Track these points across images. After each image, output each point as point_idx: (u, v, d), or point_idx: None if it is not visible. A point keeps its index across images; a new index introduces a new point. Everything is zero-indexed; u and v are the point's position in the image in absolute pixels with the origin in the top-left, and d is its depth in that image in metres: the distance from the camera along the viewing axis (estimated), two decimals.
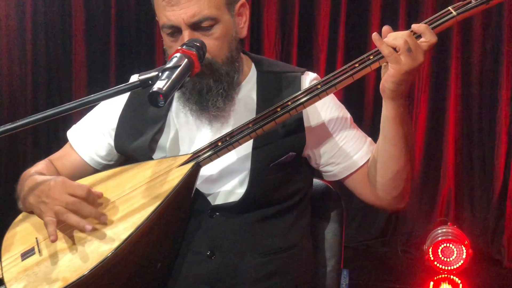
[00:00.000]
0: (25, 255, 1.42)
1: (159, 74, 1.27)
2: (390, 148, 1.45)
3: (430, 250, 3.52)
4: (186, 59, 1.31)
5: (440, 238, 3.52)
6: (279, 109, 1.41)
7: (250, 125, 1.42)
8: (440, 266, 3.51)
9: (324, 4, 3.91)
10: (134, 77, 1.38)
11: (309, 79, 1.57)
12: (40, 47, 4.05)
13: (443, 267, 3.51)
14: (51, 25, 4.05)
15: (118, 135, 1.60)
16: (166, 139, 1.55)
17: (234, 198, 1.50)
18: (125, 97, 1.61)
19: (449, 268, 3.50)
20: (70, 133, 1.67)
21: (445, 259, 3.50)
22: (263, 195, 1.50)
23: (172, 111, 1.58)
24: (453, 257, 3.50)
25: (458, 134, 3.85)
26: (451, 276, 3.50)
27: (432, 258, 3.52)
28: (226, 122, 1.53)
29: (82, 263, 1.34)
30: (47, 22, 4.04)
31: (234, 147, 1.43)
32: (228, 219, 1.49)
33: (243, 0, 1.51)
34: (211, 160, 1.44)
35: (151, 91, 1.23)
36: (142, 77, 1.29)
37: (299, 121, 1.50)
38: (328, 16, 3.93)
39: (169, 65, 1.29)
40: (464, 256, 3.47)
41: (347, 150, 1.55)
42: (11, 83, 4.01)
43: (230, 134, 1.43)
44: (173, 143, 1.55)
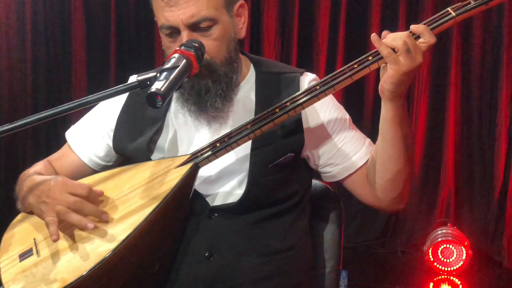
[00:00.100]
0: (23, 256, 1.42)
1: (157, 75, 1.27)
2: (389, 149, 1.45)
3: (430, 251, 3.51)
4: (185, 60, 1.30)
5: (440, 239, 3.52)
6: (278, 110, 1.41)
7: (249, 126, 1.41)
8: (440, 267, 3.51)
9: (324, 5, 3.91)
10: (133, 78, 1.38)
11: (308, 80, 1.57)
12: (40, 48, 4.05)
13: (443, 268, 3.50)
14: (51, 26, 4.05)
15: (117, 136, 1.59)
16: (165, 140, 1.55)
17: (233, 199, 1.49)
18: (124, 98, 1.60)
19: (449, 269, 3.49)
20: (69, 134, 1.67)
21: (445, 260, 3.50)
22: (262, 196, 1.49)
23: (171, 112, 1.57)
24: (453, 258, 3.49)
25: (458, 135, 3.85)
26: (451, 277, 3.50)
27: (432, 259, 3.51)
28: (225, 123, 1.53)
29: (80, 264, 1.34)
30: (47, 23, 4.04)
31: (233, 148, 1.43)
32: (227, 220, 1.49)
33: (242, 1, 1.51)
34: (210, 161, 1.44)
35: (149, 92, 1.23)
36: (140, 78, 1.29)
37: (298, 122, 1.50)
38: (328, 17, 3.92)
39: (167, 66, 1.29)
40: (464, 257, 3.47)
41: (346, 151, 1.54)
42: (11, 84, 4.01)
43: (229, 135, 1.42)
44: (172, 144, 1.54)
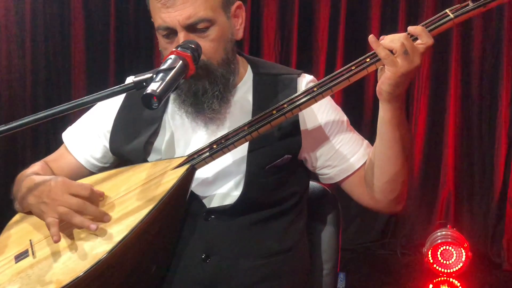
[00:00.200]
0: (19, 257, 1.41)
1: (153, 76, 1.27)
2: (387, 151, 1.45)
3: (430, 253, 3.51)
4: (181, 61, 1.30)
5: (440, 241, 3.51)
6: (275, 112, 1.40)
7: (246, 128, 1.41)
8: (440, 269, 3.50)
9: (324, 6, 3.90)
10: (130, 79, 1.38)
11: (306, 81, 1.56)
12: (40, 48, 4.04)
13: (443, 270, 3.49)
14: (51, 26, 4.04)
15: (113, 137, 1.58)
16: (162, 141, 1.54)
17: (230, 201, 1.49)
18: (121, 99, 1.60)
19: (449, 271, 3.48)
20: (65, 135, 1.66)
21: (445, 262, 3.49)
22: (259, 198, 1.49)
23: (168, 113, 1.57)
24: (453, 260, 3.48)
25: (458, 136, 3.84)
26: (451, 279, 3.49)
27: (432, 261, 3.51)
28: (222, 125, 1.52)
29: (76, 266, 1.34)
30: (47, 23, 4.03)
31: (230, 150, 1.42)
32: (224, 222, 1.48)
33: (239, 2, 1.50)
34: (207, 163, 1.43)
35: (145, 93, 1.22)
36: (137, 79, 1.29)
37: (295, 124, 1.49)
38: (328, 18, 3.91)
39: (164, 67, 1.28)
40: (464, 259, 3.46)
41: (344, 153, 1.53)
42: (11, 85, 4.01)
43: (226, 137, 1.42)
44: (169, 145, 1.54)
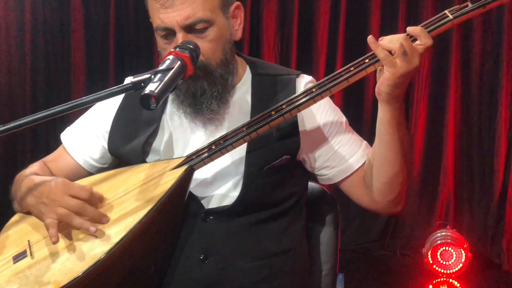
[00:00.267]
0: (17, 258, 1.41)
1: (152, 77, 1.26)
2: (386, 152, 1.44)
3: (429, 254, 3.51)
4: (179, 62, 1.29)
5: (439, 242, 3.51)
6: (274, 113, 1.40)
7: (244, 129, 1.40)
8: (439, 270, 3.50)
9: (324, 6, 3.90)
10: (129, 79, 1.37)
11: (304, 82, 1.56)
12: (39, 49, 4.04)
13: (442, 271, 3.49)
14: (50, 27, 4.04)
15: (112, 138, 1.58)
16: (160, 142, 1.54)
17: (228, 202, 1.48)
18: (119, 100, 1.59)
19: (448, 272, 3.49)
20: (64, 136, 1.66)
21: (444, 263, 3.49)
22: (257, 199, 1.49)
23: (166, 114, 1.57)
24: (452, 261, 3.48)
25: (458, 137, 3.84)
26: (450, 280, 3.49)
27: (431, 262, 3.51)
28: (221, 125, 1.52)
29: (74, 266, 1.34)
30: (46, 24, 4.03)
31: (228, 151, 1.42)
32: (222, 223, 1.48)
33: (238, 3, 1.50)
34: (205, 164, 1.43)
35: (143, 94, 1.22)
36: (135, 80, 1.29)
37: (294, 125, 1.49)
38: (328, 18, 3.92)
39: (162, 68, 1.28)
40: (463, 260, 3.46)
41: (342, 154, 1.53)
42: (10, 85, 4.01)
43: (224, 138, 1.41)
44: (167, 146, 1.54)
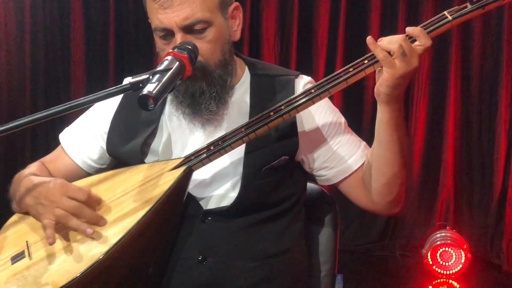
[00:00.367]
0: (15, 259, 1.41)
1: (150, 77, 1.26)
2: (385, 153, 1.44)
3: (429, 254, 3.51)
4: (177, 62, 1.29)
5: (439, 242, 3.51)
6: (272, 114, 1.39)
7: (243, 130, 1.40)
8: (439, 271, 3.50)
9: (324, 7, 3.90)
10: (127, 80, 1.37)
11: (303, 83, 1.56)
12: (39, 50, 4.04)
13: (442, 272, 3.49)
14: (50, 27, 4.05)
15: (110, 138, 1.58)
16: (159, 143, 1.54)
17: (227, 203, 1.48)
18: (118, 100, 1.59)
19: (448, 273, 3.49)
20: (62, 136, 1.65)
21: (444, 263, 3.49)
22: (256, 199, 1.48)
23: (165, 114, 1.56)
24: (452, 261, 3.48)
25: (458, 138, 3.84)
26: (450, 281, 3.49)
27: (431, 262, 3.51)
28: (219, 126, 1.52)
29: (72, 267, 1.33)
30: (46, 24, 4.04)
31: (227, 151, 1.42)
32: (221, 224, 1.48)
33: (237, 3, 1.50)
34: (204, 164, 1.43)
35: (141, 94, 1.22)
36: (133, 80, 1.28)
37: (292, 125, 1.49)
38: (328, 19, 3.92)
39: (160, 68, 1.28)
40: (463, 261, 3.46)
41: (341, 154, 1.53)
42: (10, 86, 4.01)
43: (223, 138, 1.41)
44: (166, 147, 1.53)
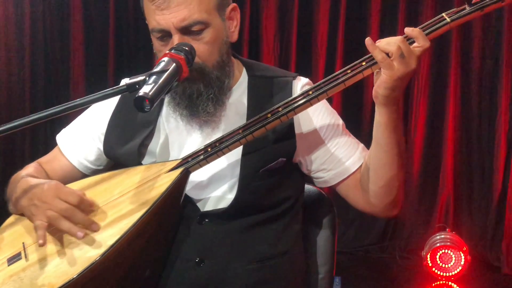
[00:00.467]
0: (12, 260, 1.40)
1: (146, 79, 1.26)
2: (383, 155, 1.44)
3: (429, 256, 3.50)
4: (174, 64, 1.29)
5: (439, 244, 3.50)
6: (270, 115, 1.39)
7: (240, 131, 1.40)
8: (438, 273, 3.49)
9: (323, 9, 3.90)
10: (125, 81, 1.37)
11: (301, 84, 1.55)
12: (39, 51, 4.04)
13: (442, 274, 3.49)
14: (50, 28, 4.04)
15: (107, 140, 1.58)
16: (156, 144, 1.54)
17: (224, 204, 1.48)
18: (115, 101, 1.59)
19: (448, 275, 3.48)
20: (59, 137, 1.65)
21: (444, 265, 3.48)
22: (253, 201, 1.48)
23: (162, 116, 1.56)
24: (452, 264, 3.47)
25: (457, 140, 3.83)
26: (450, 283, 3.48)
27: (430, 264, 3.50)
28: (217, 127, 1.51)
29: (69, 269, 1.33)
30: (46, 25, 4.03)
31: (224, 153, 1.41)
32: (218, 226, 1.48)
33: (234, 4, 1.50)
34: (201, 166, 1.42)
35: (137, 96, 1.22)
36: (130, 81, 1.28)
37: (290, 127, 1.48)
38: (327, 21, 3.91)
39: (157, 70, 1.28)
40: (463, 263, 3.45)
41: (339, 156, 1.53)
42: (10, 87, 4.00)
43: (220, 140, 1.41)
44: (163, 148, 1.53)
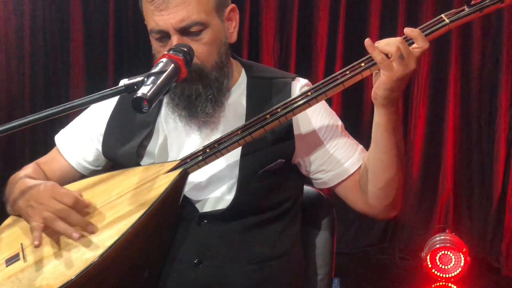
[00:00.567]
0: (10, 261, 1.40)
1: (145, 79, 1.26)
2: (382, 156, 1.43)
3: (428, 258, 3.49)
4: (172, 64, 1.29)
5: (438, 245, 3.50)
6: (268, 116, 1.39)
7: (239, 132, 1.40)
8: (438, 274, 3.48)
9: (323, 10, 3.90)
10: (123, 82, 1.37)
11: (300, 85, 1.55)
12: (39, 51, 4.04)
13: (441, 275, 3.48)
14: (50, 28, 4.04)
15: (106, 141, 1.58)
16: (155, 145, 1.54)
17: (223, 206, 1.48)
18: (114, 102, 1.59)
19: (447, 276, 3.47)
20: (58, 138, 1.65)
21: (443, 267, 3.48)
22: (252, 202, 1.48)
23: (161, 117, 1.56)
24: (451, 265, 3.47)
25: (457, 140, 3.83)
26: (449, 284, 3.48)
27: (430, 266, 3.49)
28: (216, 128, 1.51)
29: (67, 270, 1.33)
30: (45, 26, 4.03)
31: (223, 154, 1.41)
32: (216, 227, 1.47)
33: (233, 5, 1.50)
34: (199, 167, 1.42)
35: (135, 97, 1.21)
36: (128, 82, 1.28)
37: (289, 128, 1.48)
38: (327, 22, 3.91)
39: (155, 70, 1.27)
40: (462, 264, 3.45)
41: (338, 158, 1.52)
42: (9, 87, 4.00)
43: (219, 141, 1.41)
44: (162, 149, 1.53)
